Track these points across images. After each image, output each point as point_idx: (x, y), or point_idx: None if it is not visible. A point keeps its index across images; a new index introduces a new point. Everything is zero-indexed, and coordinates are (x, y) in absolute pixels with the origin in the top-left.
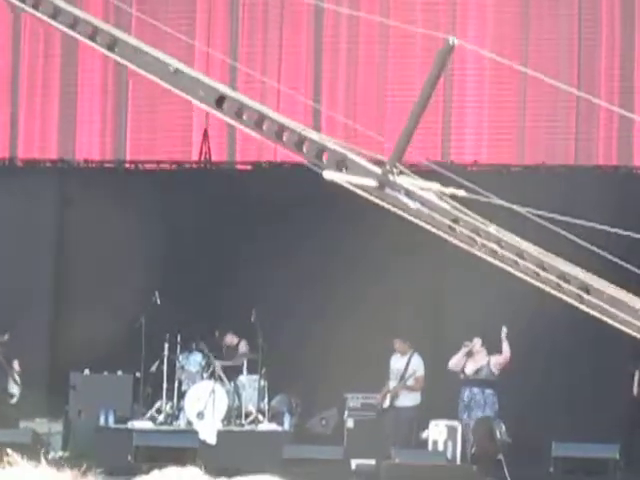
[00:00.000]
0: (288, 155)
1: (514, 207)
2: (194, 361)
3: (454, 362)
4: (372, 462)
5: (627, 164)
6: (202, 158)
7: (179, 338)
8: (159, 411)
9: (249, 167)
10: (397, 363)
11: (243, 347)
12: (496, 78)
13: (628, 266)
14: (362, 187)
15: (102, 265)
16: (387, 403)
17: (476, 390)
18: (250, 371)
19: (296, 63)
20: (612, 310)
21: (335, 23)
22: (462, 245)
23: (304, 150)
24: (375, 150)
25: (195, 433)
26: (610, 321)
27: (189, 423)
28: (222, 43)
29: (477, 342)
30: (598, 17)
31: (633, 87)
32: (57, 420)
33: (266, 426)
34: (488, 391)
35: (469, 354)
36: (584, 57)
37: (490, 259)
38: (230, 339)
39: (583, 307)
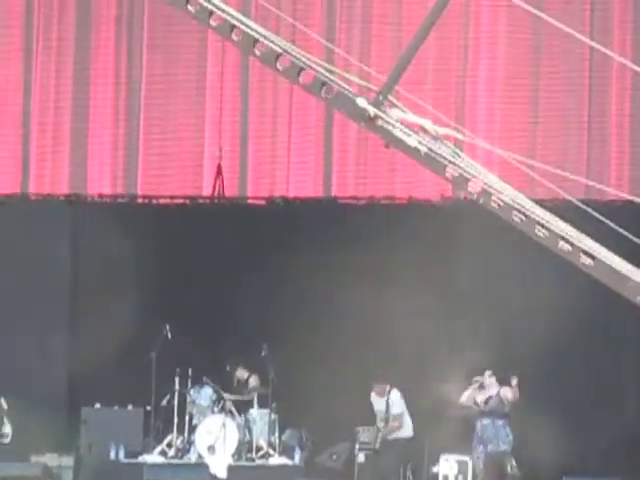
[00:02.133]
0: (301, 191)
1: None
2: (205, 395)
3: (465, 397)
4: None
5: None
6: (215, 193)
7: (190, 372)
8: (170, 445)
9: (262, 202)
10: (377, 404)
11: (253, 381)
12: (507, 108)
13: None
14: (353, 116)
15: (114, 299)
16: (378, 444)
17: (486, 422)
18: (261, 405)
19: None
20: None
21: None
22: (457, 187)
23: (279, 67)
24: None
25: (206, 467)
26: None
27: (200, 457)
28: None
29: (487, 374)
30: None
31: None
32: (68, 454)
33: (277, 460)
34: (499, 422)
35: (480, 387)
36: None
37: (489, 207)
38: (241, 373)
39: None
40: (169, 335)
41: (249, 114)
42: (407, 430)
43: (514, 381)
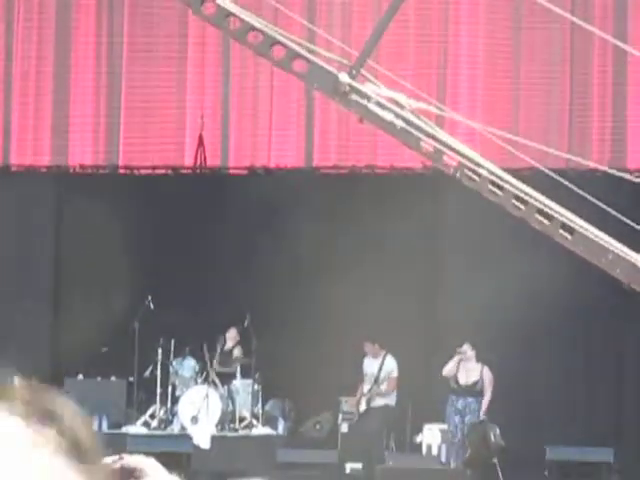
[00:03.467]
0: (282, 160)
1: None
2: (188, 366)
3: (447, 370)
4: (359, 466)
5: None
6: (197, 163)
7: (172, 343)
8: (153, 416)
9: (244, 172)
10: (370, 366)
11: (237, 352)
12: (489, 81)
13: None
14: (327, 91)
15: (97, 270)
16: (363, 407)
17: (470, 399)
18: (244, 375)
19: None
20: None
21: None
22: (431, 162)
23: (250, 41)
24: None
25: (189, 438)
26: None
27: (183, 428)
28: None
29: (467, 348)
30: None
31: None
32: None
33: (260, 430)
34: (481, 398)
35: (460, 361)
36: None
37: (463, 180)
38: (231, 334)
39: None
40: (151, 306)
41: (230, 84)
42: (394, 397)
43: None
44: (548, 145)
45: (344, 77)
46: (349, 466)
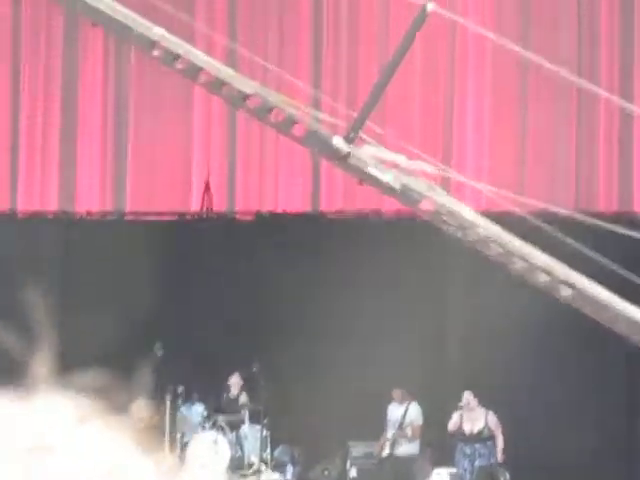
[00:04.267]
0: (289, 205)
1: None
2: (196, 412)
3: (452, 424)
4: None
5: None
6: (203, 209)
7: (181, 389)
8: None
9: (250, 217)
10: (395, 412)
11: (244, 398)
12: (496, 126)
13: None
14: (326, 154)
15: (104, 316)
16: (386, 452)
17: (478, 445)
18: (252, 421)
19: (297, 53)
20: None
21: (335, 12)
22: (432, 221)
23: (250, 105)
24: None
25: None
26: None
27: (192, 474)
28: (222, 31)
29: (468, 397)
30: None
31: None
32: None
33: (269, 476)
34: (489, 443)
35: (464, 411)
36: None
37: (462, 238)
38: (235, 381)
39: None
40: (160, 352)
41: (237, 128)
42: (416, 446)
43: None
44: (554, 192)
45: (338, 141)
46: None
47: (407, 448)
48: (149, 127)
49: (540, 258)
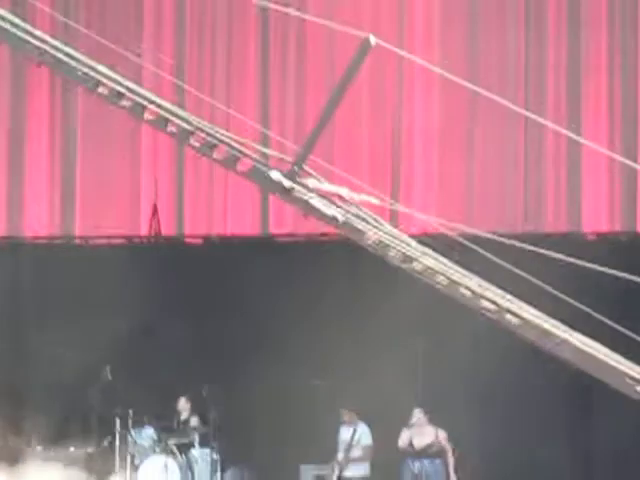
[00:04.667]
0: (239, 228)
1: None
2: (146, 435)
3: (402, 440)
4: None
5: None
6: (151, 233)
7: (130, 413)
8: None
9: (199, 241)
10: (344, 434)
11: (194, 421)
12: (444, 147)
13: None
14: (271, 187)
15: (53, 341)
16: (335, 476)
17: (426, 462)
18: (202, 445)
19: (244, 90)
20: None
21: (282, 41)
22: (380, 254)
23: (195, 143)
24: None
25: None
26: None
27: None
28: (169, 68)
29: (418, 413)
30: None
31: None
32: None
33: None
34: (437, 461)
35: (413, 427)
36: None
37: (410, 272)
38: (182, 406)
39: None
40: (109, 376)
41: (185, 151)
42: (367, 467)
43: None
44: (504, 209)
45: (275, 175)
46: None
47: (357, 470)
48: (97, 151)
49: (486, 288)
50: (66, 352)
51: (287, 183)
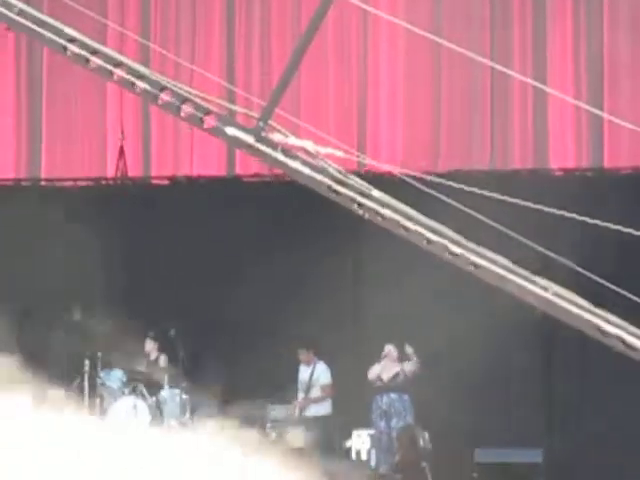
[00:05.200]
0: (205, 168)
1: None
2: (115, 377)
3: (372, 373)
4: None
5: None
6: (118, 174)
7: (99, 354)
8: None
9: (166, 182)
10: (303, 374)
11: (162, 362)
12: (409, 85)
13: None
14: (236, 142)
15: (21, 283)
16: (296, 414)
17: (394, 396)
18: (171, 385)
19: (209, 42)
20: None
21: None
22: (344, 205)
23: (159, 103)
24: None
25: None
26: (502, 286)
27: None
28: (134, 26)
29: (390, 349)
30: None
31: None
32: None
33: None
34: (405, 397)
35: (383, 361)
36: (497, 61)
37: (378, 222)
38: (149, 347)
39: (479, 274)
40: (77, 317)
41: (151, 64)
42: (328, 406)
43: (409, 350)
44: (470, 148)
45: (231, 130)
46: None
47: (318, 409)
48: (62, 93)
49: (449, 236)
50: (32, 294)
51: (247, 138)
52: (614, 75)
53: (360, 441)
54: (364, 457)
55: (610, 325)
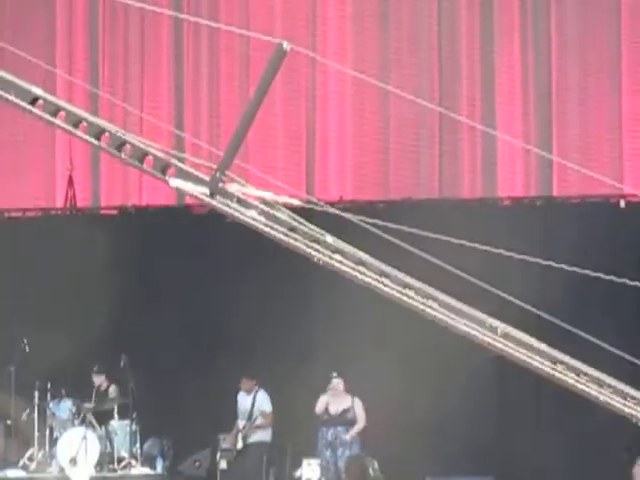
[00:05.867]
0: (154, 198)
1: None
2: (64, 407)
3: (319, 406)
4: None
5: (492, 196)
6: (67, 204)
7: (49, 385)
8: (31, 459)
9: (114, 212)
10: (243, 401)
11: (113, 392)
12: (358, 113)
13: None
14: (194, 195)
15: None
16: (240, 444)
17: (340, 429)
18: (121, 416)
19: (158, 90)
20: (453, 319)
21: (195, 43)
22: (301, 252)
23: (124, 155)
24: (240, 175)
25: None
26: (452, 329)
27: (62, 470)
28: (83, 70)
29: (337, 382)
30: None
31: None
32: None
33: (139, 470)
34: (351, 428)
35: (330, 394)
36: (445, 84)
37: (331, 267)
38: (98, 380)
39: (431, 313)
40: (27, 349)
41: (99, 112)
42: (269, 433)
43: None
44: (419, 177)
45: (174, 182)
46: None
47: (259, 436)
48: (11, 122)
49: (402, 281)
50: None
51: (204, 191)
52: (562, 99)
53: (310, 469)
54: None
55: (564, 368)
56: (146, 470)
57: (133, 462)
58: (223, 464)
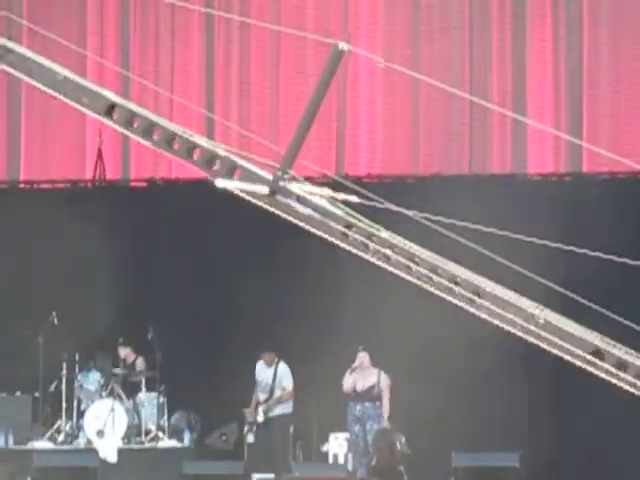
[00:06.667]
0: (182, 171)
1: (411, 214)
2: (92, 379)
3: (346, 385)
4: (271, 476)
5: (522, 171)
6: (96, 176)
7: (77, 357)
8: (59, 431)
9: (144, 184)
10: (263, 373)
11: (140, 364)
12: (389, 89)
13: (524, 271)
14: (253, 194)
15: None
16: (261, 417)
17: (368, 404)
18: (149, 388)
19: (188, 73)
20: (500, 312)
21: (226, 31)
22: (355, 251)
23: (194, 158)
24: (270, 158)
25: (95, 452)
26: (498, 322)
27: (89, 442)
28: (114, 54)
29: (362, 356)
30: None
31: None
32: None
33: (166, 443)
34: (378, 404)
35: (356, 371)
36: (476, 65)
37: (383, 265)
38: (124, 352)
39: (474, 310)
40: (55, 321)
41: (130, 94)
42: (290, 405)
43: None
44: (449, 152)
45: (220, 183)
46: (256, 477)
47: (281, 409)
48: (41, 96)
49: (451, 268)
50: (10, 298)
51: (264, 190)
52: (594, 77)
53: (337, 444)
54: (341, 461)
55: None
56: (173, 443)
57: (160, 435)
58: (250, 438)
